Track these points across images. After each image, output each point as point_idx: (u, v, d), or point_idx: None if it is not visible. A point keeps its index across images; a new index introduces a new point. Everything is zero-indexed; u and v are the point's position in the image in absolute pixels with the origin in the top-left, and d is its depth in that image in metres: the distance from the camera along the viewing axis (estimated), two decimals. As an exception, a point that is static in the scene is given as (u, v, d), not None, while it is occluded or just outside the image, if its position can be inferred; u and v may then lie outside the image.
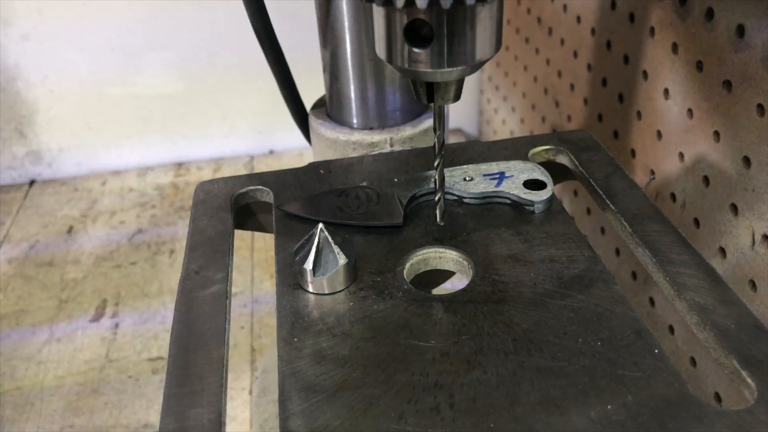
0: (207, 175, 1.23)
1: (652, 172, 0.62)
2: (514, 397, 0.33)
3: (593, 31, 0.69)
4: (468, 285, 0.40)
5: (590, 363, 0.34)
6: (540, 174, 0.48)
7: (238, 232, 0.48)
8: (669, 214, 0.51)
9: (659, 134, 0.60)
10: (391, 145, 0.59)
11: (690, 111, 0.54)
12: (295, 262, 0.40)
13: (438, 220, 0.45)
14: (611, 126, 0.69)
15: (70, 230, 1.10)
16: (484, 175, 0.48)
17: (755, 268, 0.49)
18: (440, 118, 0.40)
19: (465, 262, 0.43)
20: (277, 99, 0.67)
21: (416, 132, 0.60)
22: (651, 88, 0.60)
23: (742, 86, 0.48)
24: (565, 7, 0.76)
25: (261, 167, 1.25)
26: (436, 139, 0.41)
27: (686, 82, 0.54)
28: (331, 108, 0.62)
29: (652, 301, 0.64)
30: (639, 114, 0.63)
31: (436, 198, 0.44)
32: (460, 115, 1.29)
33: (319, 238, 0.39)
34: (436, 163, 0.42)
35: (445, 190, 0.46)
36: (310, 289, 0.40)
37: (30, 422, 0.76)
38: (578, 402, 0.32)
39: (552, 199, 0.47)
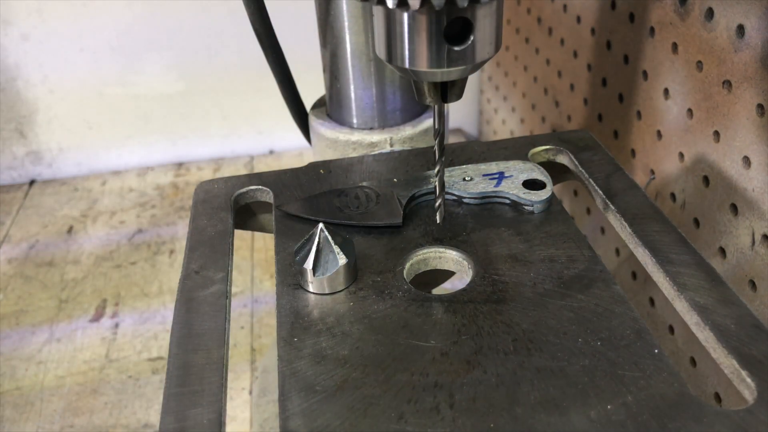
0: (207, 175, 1.23)
1: (652, 172, 0.62)
2: (514, 397, 0.33)
3: (593, 31, 0.69)
4: (468, 285, 0.40)
5: (590, 363, 0.34)
6: (539, 174, 0.48)
7: (238, 232, 0.48)
8: (669, 214, 0.51)
9: (659, 134, 0.60)
10: (391, 145, 0.59)
11: (690, 111, 0.54)
12: (296, 262, 0.40)
13: (438, 221, 0.45)
14: (611, 126, 0.69)
15: (70, 230, 1.10)
16: (484, 175, 0.48)
17: (755, 268, 0.49)
18: (440, 118, 0.40)
19: (465, 262, 0.43)
20: (277, 99, 0.67)
21: (416, 132, 0.60)
22: (651, 88, 0.60)
23: (742, 86, 0.48)
24: (565, 7, 0.76)
25: (261, 167, 1.24)
26: (436, 145, 0.41)
27: (686, 82, 0.54)
28: (331, 108, 0.62)
29: (652, 301, 0.64)
30: (639, 114, 0.63)
31: (436, 204, 0.43)
32: (460, 115, 1.29)
33: (319, 238, 0.39)
34: (436, 170, 0.42)
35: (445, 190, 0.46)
36: (310, 288, 0.40)
37: (30, 422, 0.76)
38: (578, 402, 0.32)
39: (552, 199, 0.47)
